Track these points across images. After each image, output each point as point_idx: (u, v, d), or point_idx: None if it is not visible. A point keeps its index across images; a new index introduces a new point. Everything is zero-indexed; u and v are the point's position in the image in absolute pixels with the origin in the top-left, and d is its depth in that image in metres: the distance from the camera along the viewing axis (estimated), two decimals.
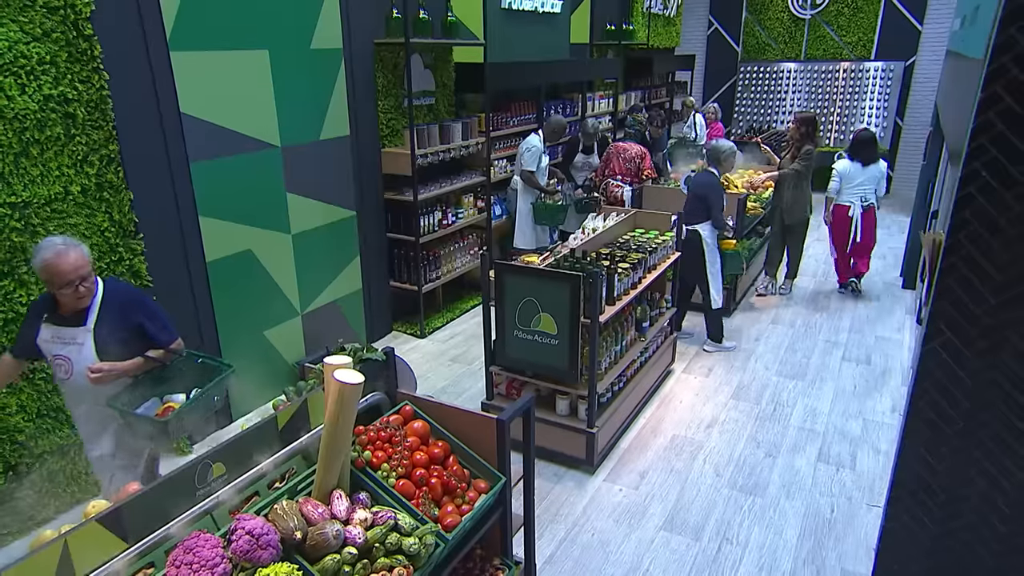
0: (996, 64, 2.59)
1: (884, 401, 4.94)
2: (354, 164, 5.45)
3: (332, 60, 5.04)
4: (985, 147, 2.68)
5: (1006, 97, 2.59)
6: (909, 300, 6.82)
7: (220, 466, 2.10)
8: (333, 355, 2.35)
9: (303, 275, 5.11)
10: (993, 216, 2.75)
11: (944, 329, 2.98)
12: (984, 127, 2.65)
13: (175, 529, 1.91)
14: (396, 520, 2.22)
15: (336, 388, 2.19)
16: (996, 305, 2.85)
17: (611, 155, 6.96)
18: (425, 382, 5.33)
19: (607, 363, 4.30)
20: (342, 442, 2.23)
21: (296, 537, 2.02)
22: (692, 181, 5.63)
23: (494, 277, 4.16)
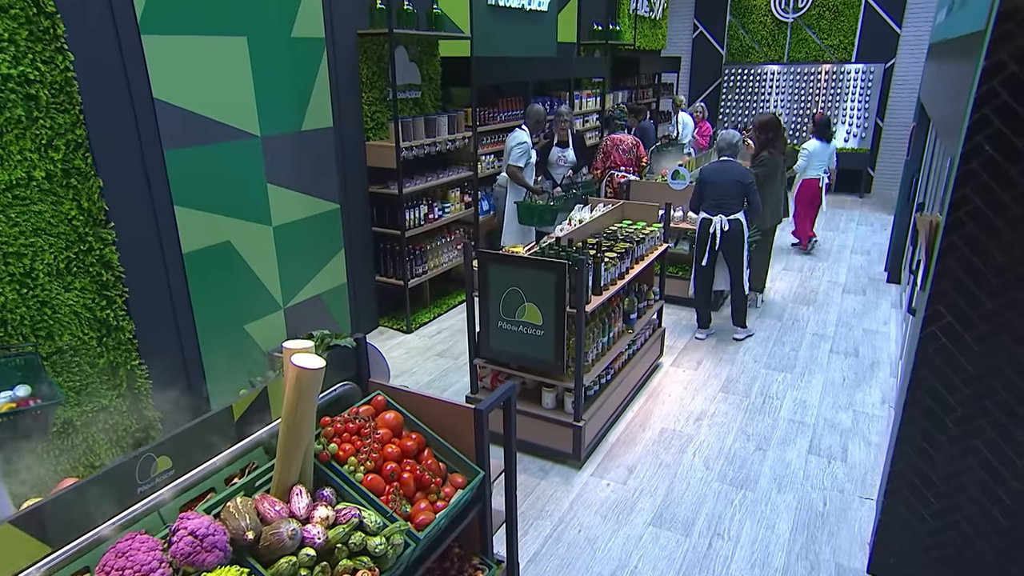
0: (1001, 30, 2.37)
1: (873, 393, 4.72)
2: (338, 156, 5.20)
3: (314, 50, 4.79)
4: (988, 118, 2.46)
5: (1011, 64, 2.37)
6: (894, 294, 6.62)
7: (166, 460, 1.84)
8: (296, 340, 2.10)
9: (285, 268, 4.84)
10: (996, 192, 2.53)
11: (943, 312, 2.75)
12: (988, 96, 2.43)
13: (109, 530, 1.65)
14: (361, 518, 1.97)
15: (294, 374, 1.93)
16: (999, 286, 2.63)
17: (609, 148, 6.92)
18: (411, 377, 5.08)
19: (594, 355, 4.06)
20: (302, 433, 1.98)
21: (248, 538, 1.77)
22: (714, 171, 5.29)
23: (477, 267, 3.92)
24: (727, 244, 5.26)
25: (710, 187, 5.27)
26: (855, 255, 7.95)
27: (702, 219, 5.32)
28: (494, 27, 6.95)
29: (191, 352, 4.21)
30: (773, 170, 5.73)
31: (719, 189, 5.24)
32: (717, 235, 5.24)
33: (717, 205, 5.24)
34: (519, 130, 6.16)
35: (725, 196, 5.24)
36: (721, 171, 5.30)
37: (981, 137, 2.43)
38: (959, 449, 2.72)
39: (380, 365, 2.61)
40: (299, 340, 2.09)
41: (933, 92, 4.78)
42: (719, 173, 5.29)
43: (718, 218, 5.22)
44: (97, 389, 3.63)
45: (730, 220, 5.23)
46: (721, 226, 5.21)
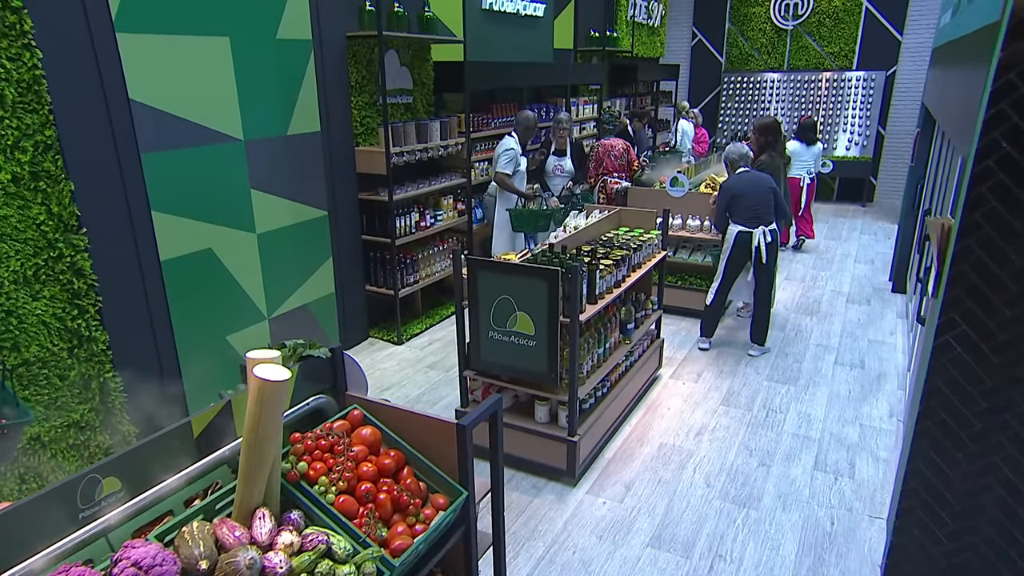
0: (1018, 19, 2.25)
1: (881, 406, 4.57)
2: (326, 162, 5.07)
3: (300, 52, 4.67)
4: (1005, 112, 2.32)
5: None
6: (900, 304, 6.47)
7: (113, 481, 1.69)
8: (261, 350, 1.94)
9: (270, 277, 4.70)
10: (1014, 191, 2.39)
11: (958, 320, 2.60)
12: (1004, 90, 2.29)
13: (41, 562, 1.49)
14: (329, 544, 1.81)
15: (256, 386, 1.78)
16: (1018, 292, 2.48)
17: (601, 155, 6.84)
18: (400, 390, 4.93)
19: (589, 367, 3.91)
20: (266, 451, 1.83)
21: (201, 568, 1.61)
22: (745, 183, 5.08)
23: (467, 274, 3.77)
24: (769, 258, 5.07)
25: (744, 199, 5.05)
26: (858, 264, 7.82)
27: (739, 232, 5.07)
28: (488, 32, 6.86)
29: (169, 364, 4.06)
30: (774, 174, 5.58)
31: (754, 200, 5.03)
32: (763, 249, 5.01)
33: (755, 217, 5.04)
34: (508, 137, 6.03)
35: (761, 207, 5.04)
36: (752, 182, 5.09)
37: (997, 134, 2.29)
38: (977, 466, 2.56)
39: (357, 377, 2.46)
40: (265, 350, 1.94)
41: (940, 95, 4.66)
42: (751, 184, 5.08)
43: (759, 231, 5.01)
44: (67, 403, 3.48)
45: (771, 232, 5.06)
46: (764, 238, 5.01)
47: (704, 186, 6.48)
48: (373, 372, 5.21)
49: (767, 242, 5.03)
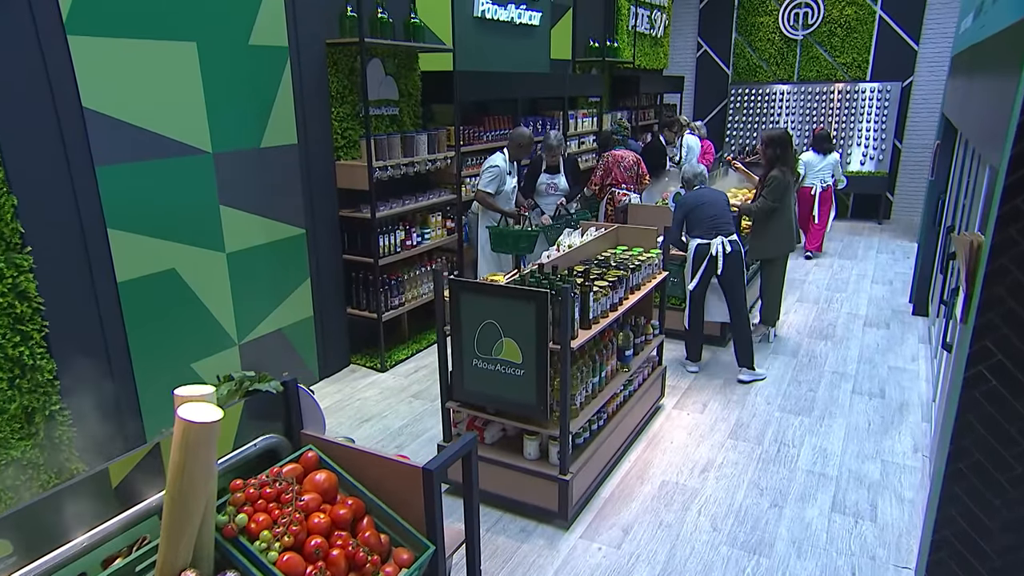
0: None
1: (904, 440, 4.34)
2: (303, 176, 4.92)
3: (275, 59, 4.54)
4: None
5: None
6: (922, 327, 6.27)
7: (4, 544, 1.49)
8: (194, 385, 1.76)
9: (241, 299, 4.53)
10: None
11: (992, 348, 2.40)
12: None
13: None
14: None
15: (180, 429, 1.60)
16: None
17: (610, 165, 6.90)
18: (381, 421, 4.72)
19: (583, 397, 3.71)
20: (192, 504, 1.63)
21: None
22: (700, 195, 5.14)
23: (449, 296, 3.59)
24: (728, 269, 5.03)
25: (701, 209, 5.07)
26: (876, 285, 7.63)
27: (698, 245, 5.07)
28: (481, 41, 6.75)
29: (127, 394, 3.87)
30: (784, 191, 5.42)
31: (713, 209, 5.06)
32: (719, 259, 4.99)
33: (713, 227, 5.04)
34: (497, 153, 5.87)
35: (720, 215, 5.05)
36: (707, 194, 5.17)
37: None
38: (1019, 515, 2.35)
39: (314, 414, 2.27)
40: (197, 386, 1.75)
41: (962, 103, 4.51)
42: (706, 196, 5.15)
43: (718, 240, 5.00)
44: (6, 439, 3.28)
45: (730, 242, 5.02)
46: (723, 248, 4.97)
47: None
48: (353, 401, 5.01)
49: (726, 252, 4.99)
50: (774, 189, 5.42)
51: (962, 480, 2.44)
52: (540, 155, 6.37)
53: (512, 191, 5.94)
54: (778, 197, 5.44)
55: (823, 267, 8.36)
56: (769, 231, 5.56)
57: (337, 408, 4.92)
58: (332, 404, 4.98)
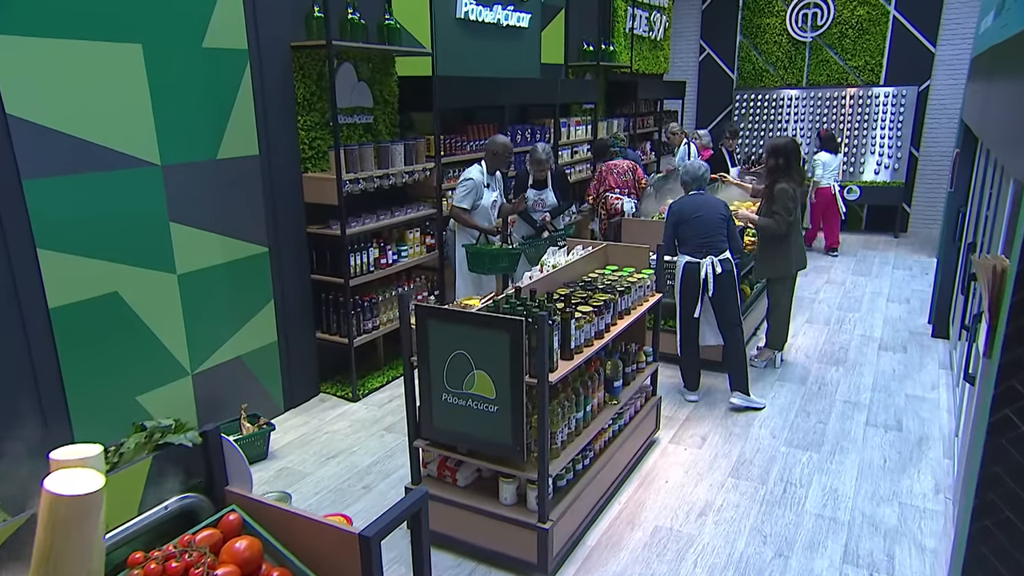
0: None
1: (924, 479, 4.13)
2: (266, 190, 4.75)
3: (233, 63, 4.38)
4: None
5: None
6: (942, 352, 6.07)
7: None
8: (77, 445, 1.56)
9: (195, 324, 4.34)
10: None
11: (1020, 389, 2.22)
12: None
13: None
14: None
15: (46, 504, 1.39)
16: None
17: (604, 173, 7.07)
18: (348, 458, 4.51)
19: (565, 435, 3.50)
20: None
21: None
22: (693, 206, 4.94)
23: (415, 323, 3.40)
24: (720, 290, 4.87)
25: (692, 224, 4.89)
26: (892, 304, 7.44)
27: (687, 263, 4.90)
28: (464, 44, 6.60)
29: (60, 432, 3.66)
30: (789, 203, 5.24)
31: (704, 225, 4.87)
32: (710, 280, 4.83)
33: (704, 245, 4.87)
34: (474, 166, 5.70)
35: (712, 233, 4.88)
36: (703, 205, 4.94)
37: None
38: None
39: (239, 468, 2.07)
40: (80, 446, 1.55)
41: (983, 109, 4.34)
42: (700, 207, 4.93)
43: (708, 260, 4.84)
44: None
45: (721, 261, 4.86)
46: (713, 269, 4.83)
47: None
48: (320, 435, 4.81)
49: (716, 273, 4.83)
50: (784, 203, 5.23)
51: (989, 540, 2.23)
52: (526, 170, 6.21)
53: (492, 206, 5.75)
54: (791, 209, 5.26)
55: (834, 284, 8.17)
56: (779, 249, 5.37)
57: (302, 443, 4.71)
58: (297, 438, 4.77)
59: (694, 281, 4.88)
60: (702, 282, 4.84)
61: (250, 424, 4.52)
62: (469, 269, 5.65)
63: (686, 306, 5.00)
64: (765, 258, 5.49)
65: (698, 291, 4.89)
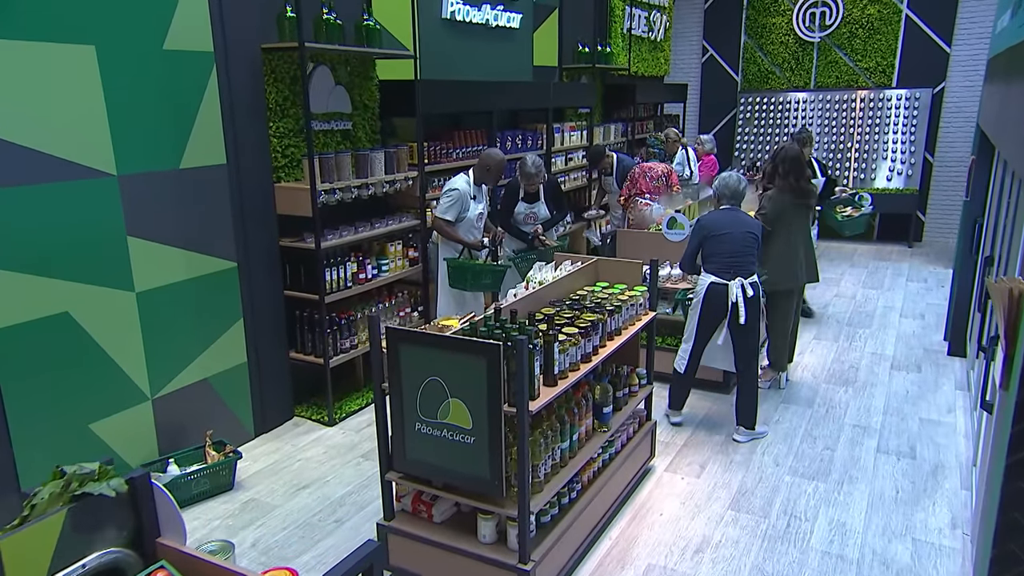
0: None
1: (939, 512, 3.98)
2: (234, 201, 4.63)
3: (198, 67, 4.27)
4: None
5: None
6: (959, 371, 5.92)
7: None
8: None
9: (156, 346, 4.21)
10: None
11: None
12: None
13: None
14: None
15: None
16: None
17: (636, 176, 6.79)
18: (320, 489, 4.37)
19: (549, 467, 3.37)
20: None
21: None
22: (723, 221, 4.71)
23: (386, 347, 3.27)
24: (748, 317, 4.61)
25: (719, 241, 4.65)
26: (905, 319, 7.30)
27: (712, 284, 4.66)
28: (450, 46, 6.51)
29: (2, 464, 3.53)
30: (781, 214, 5.16)
31: (733, 243, 4.63)
32: (740, 306, 4.56)
33: (732, 265, 4.61)
34: (460, 175, 5.57)
35: (741, 252, 4.63)
36: (733, 222, 4.70)
37: None
38: None
39: (171, 517, 1.93)
40: None
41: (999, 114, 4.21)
42: (731, 224, 4.69)
43: (737, 282, 4.58)
44: None
45: (751, 284, 4.63)
46: (744, 292, 4.57)
47: None
48: (292, 463, 4.67)
49: (747, 297, 4.58)
50: (767, 212, 5.18)
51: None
52: (517, 181, 6.09)
53: (478, 219, 5.63)
54: (771, 219, 5.16)
55: (844, 298, 8.03)
56: (769, 258, 5.23)
57: (272, 471, 4.57)
58: (267, 466, 4.63)
59: (719, 304, 4.63)
60: (730, 307, 4.59)
61: (216, 452, 4.38)
62: (450, 285, 5.53)
63: (705, 330, 4.76)
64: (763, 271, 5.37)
65: (723, 315, 4.64)
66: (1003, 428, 2.17)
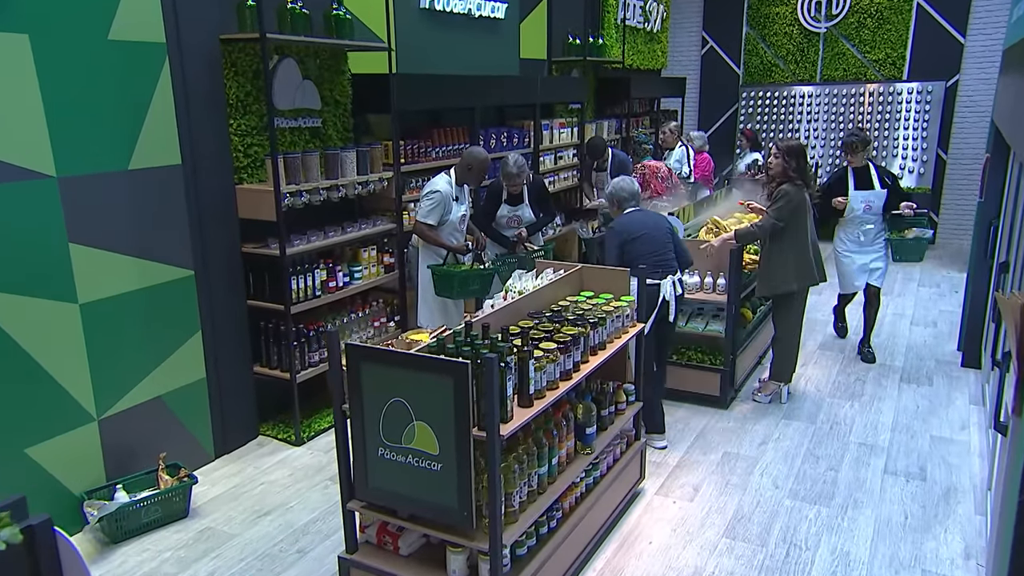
0: None
1: (952, 541, 3.86)
2: (191, 204, 4.50)
3: (148, 58, 4.15)
4: None
5: None
6: (973, 384, 5.81)
7: None
8: None
9: (102, 362, 4.08)
10: None
11: None
12: None
13: None
14: None
15: None
16: None
17: (648, 178, 6.56)
18: (283, 516, 4.24)
19: (524, 495, 3.24)
20: None
21: None
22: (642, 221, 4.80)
23: (346, 365, 3.14)
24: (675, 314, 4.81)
25: (640, 243, 4.71)
26: (916, 328, 7.20)
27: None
28: (429, 38, 6.40)
29: None
30: (795, 210, 5.09)
31: (653, 243, 4.73)
32: (671, 303, 4.70)
33: (659, 264, 4.69)
34: (441, 175, 5.46)
35: (662, 251, 4.75)
36: (647, 221, 4.81)
37: None
38: None
39: (76, 570, 1.79)
40: None
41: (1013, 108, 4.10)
42: (646, 224, 4.79)
43: (668, 280, 4.67)
44: None
45: (680, 282, 4.81)
46: (675, 289, 4.73)
47: (705, 231, 5.91)
48: (254, 487, 4.53)
49: (677, 294, 4.76)
50: (782, 206, 5.09)
51: None
52: (499, 183, 5.97)
53: (460, 221, 5.51)
54: (785, 216, 5.10)
55: (851, 304, 7.89)
56: (775, 259, 5.21)
57: (232, 496, 4.44)
58: (226, 491, 4.49)
59: (653, 304, 4.66)
60: (659, 304, 4.66)
61: (169, 476, 4.24)
62: (436, 293, 5.42)
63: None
64: (766, 271, 5.31)
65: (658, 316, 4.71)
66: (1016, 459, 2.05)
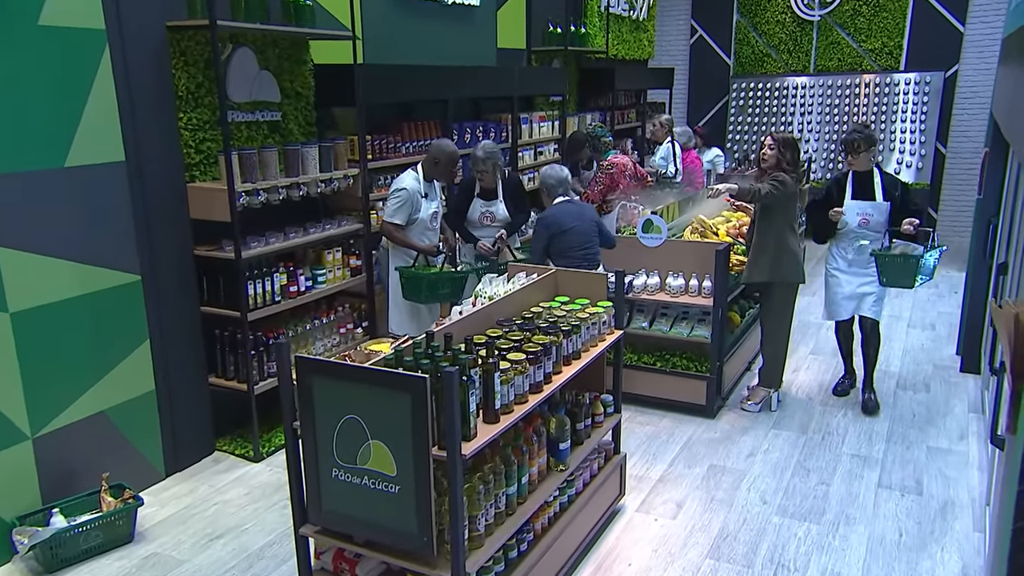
0: None
1: (949, 560, 3.80)
2: (136, 205, 4.38)
3: (86, 47, 4.02)
4: None
5: None
6: (972, 390, 5.77)
7: None
8: None
9: (36, 375, 3.95)
10: None
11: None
12: None
13: None
14: None
15: None
16: None
17: (616, 176, 6.70)
18: (237, 538, 4.13)
19: (491, 517, 3.14)
20: None
21: None
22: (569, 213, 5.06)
23: (297, 379, 3.03)
24: None
25: (570, 235, 4.99)
26: (913, 330, 7.18)
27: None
28: (398, 26, 6.30)
29: None
30: (790, 197, 5.08)
31: (581, 236, 5.01)
32: None
33: (585, 257, 4.97)
34: (408, 172, 5.37)
35: (590, 244, 5.05)
36: (577, 212, 5.12)
37: None
38: None
39: None
40: None
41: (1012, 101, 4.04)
42: (576, 216, 5.08)
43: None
44: None
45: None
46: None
47: (691, 231, 5.83)
48: (207, 508, 4.41)
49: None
50: (778, 186, 4.99)
51: None
52: (472, 177, 5.88)
53: (432, 219, 5.41)
54: (778, 198, 5.03)
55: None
56: (756, 246, 5.19)
57: (182, 518, 4.31)
58: (176, 512, 4.37)
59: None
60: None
61: (113, 498, 4.12)
62: (404, 296, 5.32)
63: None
64: (758, 257, 5.21)
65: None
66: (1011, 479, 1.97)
